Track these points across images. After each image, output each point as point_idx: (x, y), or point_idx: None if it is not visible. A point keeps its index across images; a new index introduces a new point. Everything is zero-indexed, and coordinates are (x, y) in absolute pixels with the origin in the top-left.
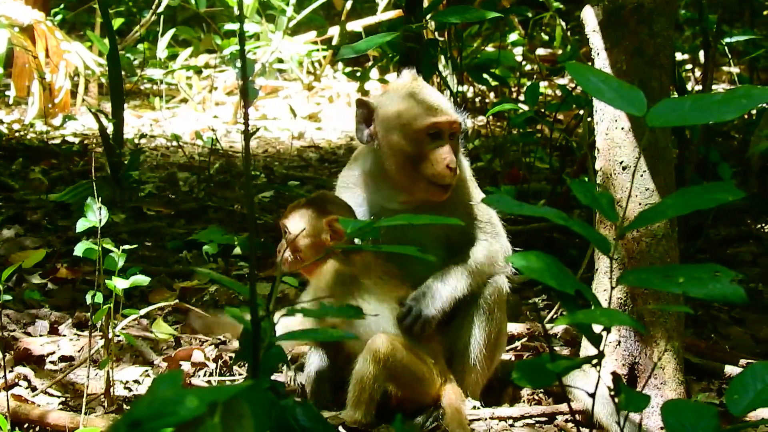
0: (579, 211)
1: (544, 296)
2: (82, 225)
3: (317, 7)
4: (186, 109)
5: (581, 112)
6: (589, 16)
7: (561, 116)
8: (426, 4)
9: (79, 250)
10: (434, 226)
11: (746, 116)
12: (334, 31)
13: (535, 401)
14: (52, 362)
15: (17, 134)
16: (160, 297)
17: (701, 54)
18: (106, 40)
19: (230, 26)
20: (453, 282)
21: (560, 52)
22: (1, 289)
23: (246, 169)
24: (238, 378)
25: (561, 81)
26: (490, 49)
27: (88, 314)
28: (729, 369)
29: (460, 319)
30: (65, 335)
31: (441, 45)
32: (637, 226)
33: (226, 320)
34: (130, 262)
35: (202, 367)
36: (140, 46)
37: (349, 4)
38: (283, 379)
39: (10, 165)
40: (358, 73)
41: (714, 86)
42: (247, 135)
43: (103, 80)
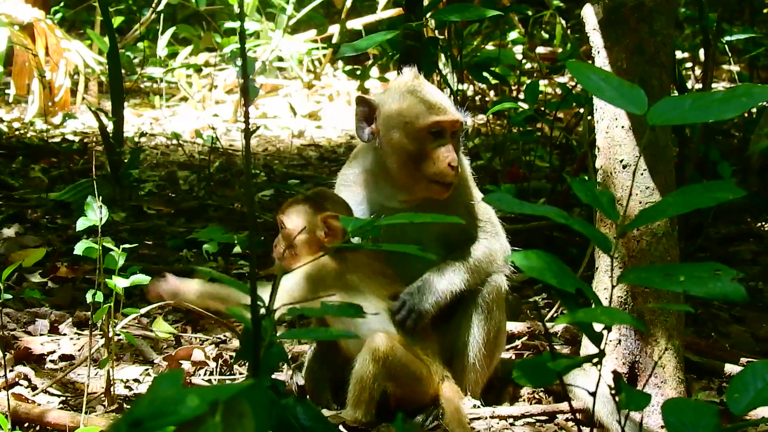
0: (579, 209)
1: (545, 295)
2: (82, 224)
3: (317, 6)
4: (186, 107)
5: (581, 111)
6: (590, 14)
7: (561, 115)
8: (426, 2)
9: (80, 249)
10: (434, 224)
11: (746, 114)
12: (334, 30)
13: (536, 400)
14: (52, 361)
15: (17, 133)
16: None
17: (701, 52)
18: (106, 39)
19: (230, 24)
20: (449, 278)
21: (560, 50)
22: (2, 287)
23: (246, 168)
24: (239, 377)
25: (561, 79)
26: (490, 47)
27: (89, 313)
28: (729, 367)
29: (459, 318)
30: (65, 334)
31: (441, 43)
32: (638, 225)
33: (197, 287)
34: (131, 260)
35: (203, 366)
36: (140, 45)
37: (349, 2)
38: (283, 378)
39: (10, 163)
40: (359, 72)
41: (714, 84)
42: (248, 133)
43: (103, 78)
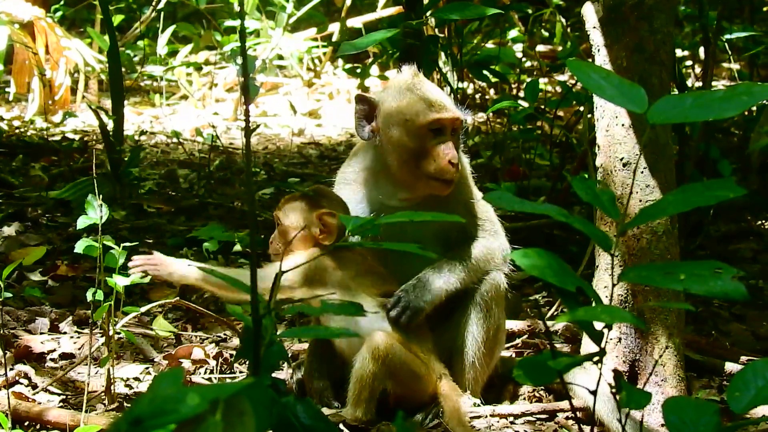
0: (579, 207)
1: (545, 293)
2: (82, 222)
3: (317, 4)
4: (186, 105)
5: (581, 109)
6: (590, 12)
7: (561, 113)
8: (426, 0)
9: (80, 248)
10: (433, 222)
11: (746, 113)
12: (334, 28)
13: (536, 398)
14: (52, 360)
15: (17, 131)
16: (160, 294)
17: (701, 50)
18: (107, 37)
19: (230, 23)
20: (446, 276)
21: (560, 48)
22: (2, 286)
23: (247, 166)
24: (239, 376)
25: (561, 77)
26: (490, 45)
27: (89, 312)
28: (729, 366)
29: (458, 316)
30: (66, 333)
31: (441, 41)
32: (638, 223)
33: (184, 266)
34: (131, 259)
35: (203, 365)
36: (140, 43)
37: (349, 0)
38: (283, 377)
39: (10, 162)
40: (359, 70)
41: (714, 83)
42: (248, 132)
43: (103, 77)
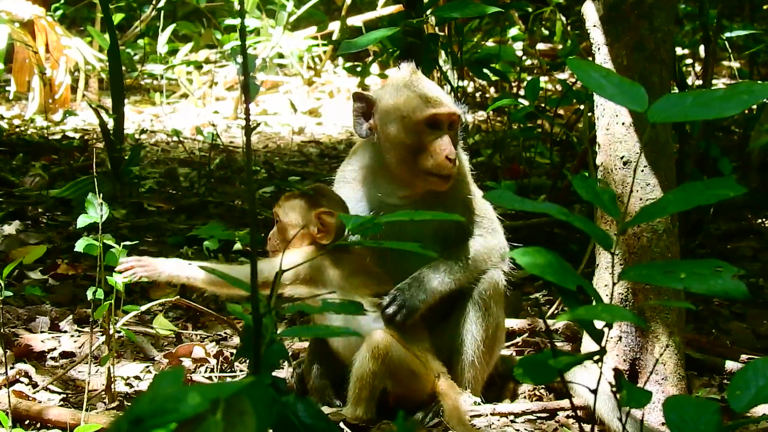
0: (580, 206)
1: (545, 292)
2: (82, 221)
3: (317, 2)
4: (186, 104)
5: (582, 107)
6: (590, 11)
7: (561, 111)
8: None
9: (80, 246)
10: (432, 220)
11: (746, 111)
12: (335, 26)
13: (536, 397)
14: (52, 358)
15: (18, 130)
16: (160, 293)
17: (701, 49)
18: (107, 36)
19: (231, 21)
20: (442, 275)
21: (561, 47)
22: (2, 285)
23: (247, 165)
24: (240, 374)
25: (561, 76)
26: (491, 44)
27: (89, 310)
28: (730, 364)
29: (457, 315)
30: (66, 331)
31: (441, 40)
32: (639, 222)
33: (173, 265)
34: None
35: (203, 364)
36: (140, 42)
37: None
38: (284, 375)
39: (10, 160)
40: (359, 68)
41: (714, 81)
42: (248, 130)
43: (104, 75)
